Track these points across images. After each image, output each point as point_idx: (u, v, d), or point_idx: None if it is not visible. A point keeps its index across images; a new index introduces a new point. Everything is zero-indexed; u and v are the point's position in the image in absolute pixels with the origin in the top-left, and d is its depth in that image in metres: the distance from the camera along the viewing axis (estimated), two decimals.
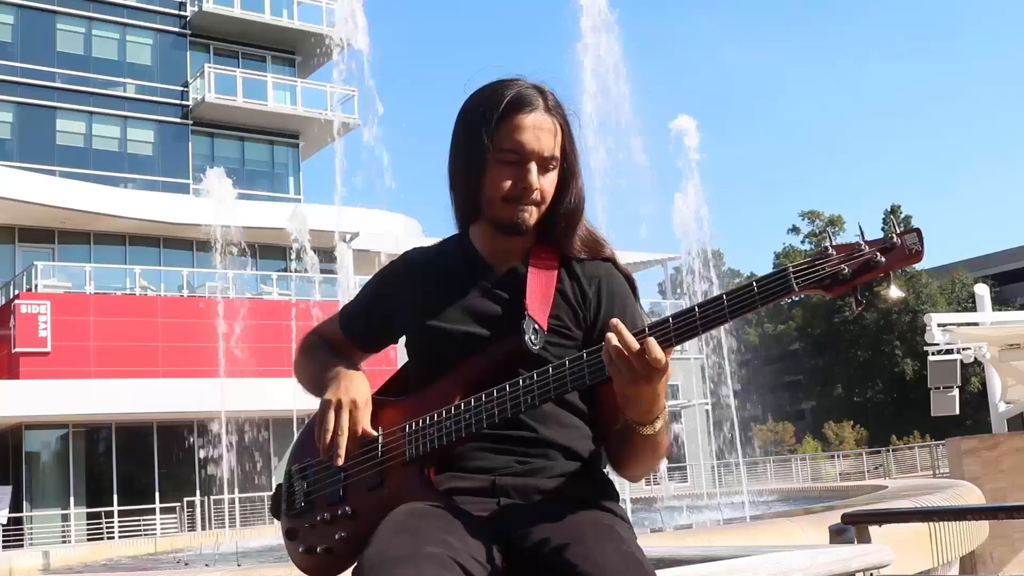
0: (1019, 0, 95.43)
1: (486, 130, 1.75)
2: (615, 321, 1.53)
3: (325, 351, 1.93)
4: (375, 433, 1.77)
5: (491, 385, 1.68)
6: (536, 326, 1.72)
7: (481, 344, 1.75)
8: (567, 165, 1.81)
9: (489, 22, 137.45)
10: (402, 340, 1.92)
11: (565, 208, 1.81)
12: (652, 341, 1.52)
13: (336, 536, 1.78)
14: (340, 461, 1.74)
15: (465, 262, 1.84)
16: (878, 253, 1.48)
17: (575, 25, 12.23)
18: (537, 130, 1.75)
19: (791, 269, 1.51)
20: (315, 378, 1.87)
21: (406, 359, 1.91)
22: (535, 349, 1.70)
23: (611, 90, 12.25)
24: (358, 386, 1.79)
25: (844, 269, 1.49)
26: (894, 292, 1.50)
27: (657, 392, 1.56)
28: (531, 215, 1.77)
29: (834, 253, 1.50)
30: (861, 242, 1.50)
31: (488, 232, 1.82)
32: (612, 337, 1.52)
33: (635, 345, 1.51)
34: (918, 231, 1.48)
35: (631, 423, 1.62)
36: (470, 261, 1.84)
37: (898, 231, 1.49)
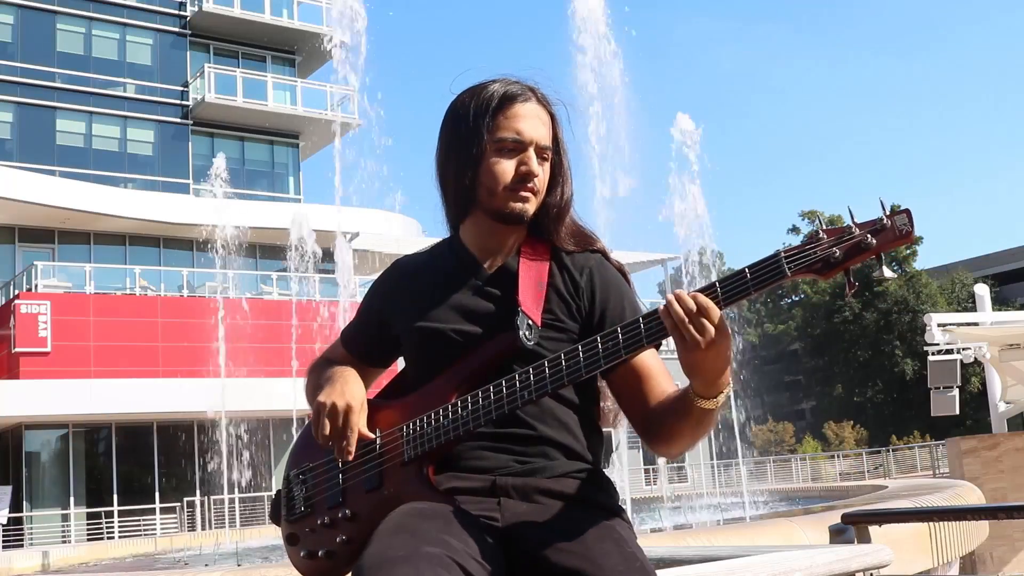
0: (1019, 1, 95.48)
1: (483, 122, 1.75)
2: (677, 292, 1.53)
3: (329, 367, 1.92)
4: (372, 435, 1.76)
5: (487, 383, 1.68)
6: (530, 322, 1.71)
7: (476, 342, 1.74)
8: (558, 157, 1.82)
9: (488, 22, 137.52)
10: None
11: (556, 199, 1.82)
12: (703, 299, 1.51)
13: (337, 539, 1.77)
14: (350, 456, 1.74)
15: (456, 262, 1.84)
16: (869, 235, 1.49)
17: (574, 25, 12.24)
18: (533, 119, 1.77)
19: (782, 253, 1.52)
20: (315, 389, 1.87)
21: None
22: (530, 345, 1.69)
23: (610, 90, 12.25)
24: (352, 388, 1.78)
25: (835, 252, 1.50)
26: (886, 273, 1.51)
27: (725, 361, 1.55)
28: (532, 204, 1.78)
29: (825, 237, 1.51)
30: (851, 225, 1.51)
31: (482, 228, 1.82)
32: (673, 302, 1.52)
33: (692, 305, 1.51)
34: (907, 212, 1.49)
35: (692, 396, 1.59)
36: (461, 260, 1.83)
37: (887, 213, 1.49)
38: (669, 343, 1.66)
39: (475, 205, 1.80)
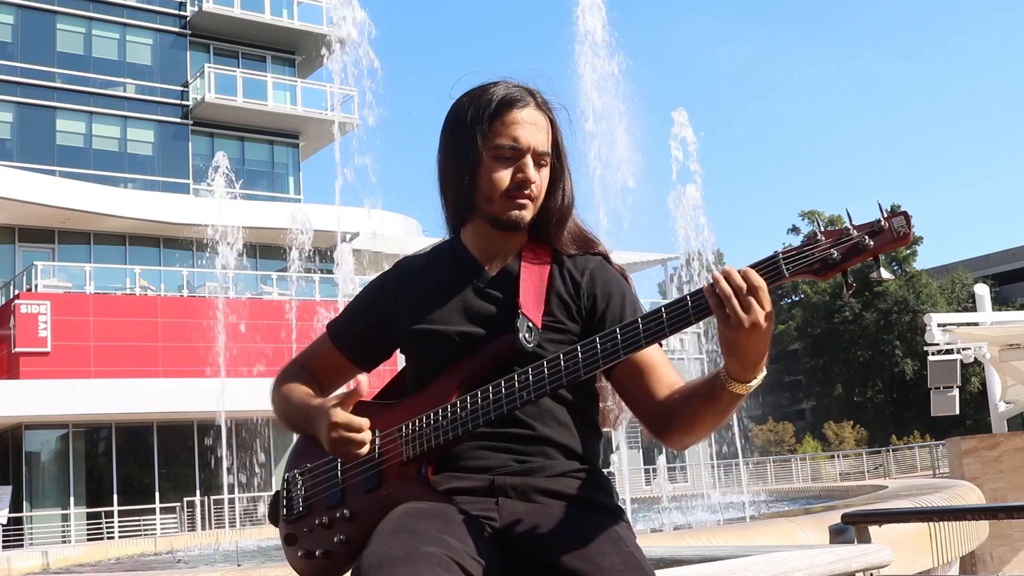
0: (1019, 1, 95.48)
1: (480, 128, 1.75)
2: (727, 268, 1.51)
3: (294, 389, 1.88)
4: (362, 423, 1.72)
5: (487, 384, 1.68)
6: (530, 324, 1.71)
7: (477, 344, 1.75)
8: (557, 161, 1.82)
9: (488, 22, 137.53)
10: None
11: (556, 204, 1.82)
12: (754, 276, 1.49)
13: (335, 539, 1.77)
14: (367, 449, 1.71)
15: (458, 264, 1.84)
16: (866, 237, 1.49)
17: (573, 25, 12.24)
18: (531, 125, 1.76)
19: (781, 255, 1.52)
20: (293, 422, 1.86)
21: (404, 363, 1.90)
22: (530, 347, 1.69)
23: (610, 91, 12.25)
24: (320, 407, 1.75)
25: (833, 253, 1.50)
26: (884, 274, 1.51)
27: (766, 344, 1.53)
28: (528, 210, 1.77)
29: (823, 238, 1.51)
30: (849, 226, 1.51)
31: (481, 232, 1.82)
32: (721, 279, 1.50)
33: (741, 282, 1.48)
34: (905, 214, 1.49)
35: (725, 379, 1.57)
36: (462, 262, 1.83)
37: (885, 215, 1.49)
38: (667, 342, 1.66)
39: (474, 211, 1.80)
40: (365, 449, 1.70)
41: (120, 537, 19.62)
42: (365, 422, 1.70)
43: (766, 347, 1.54)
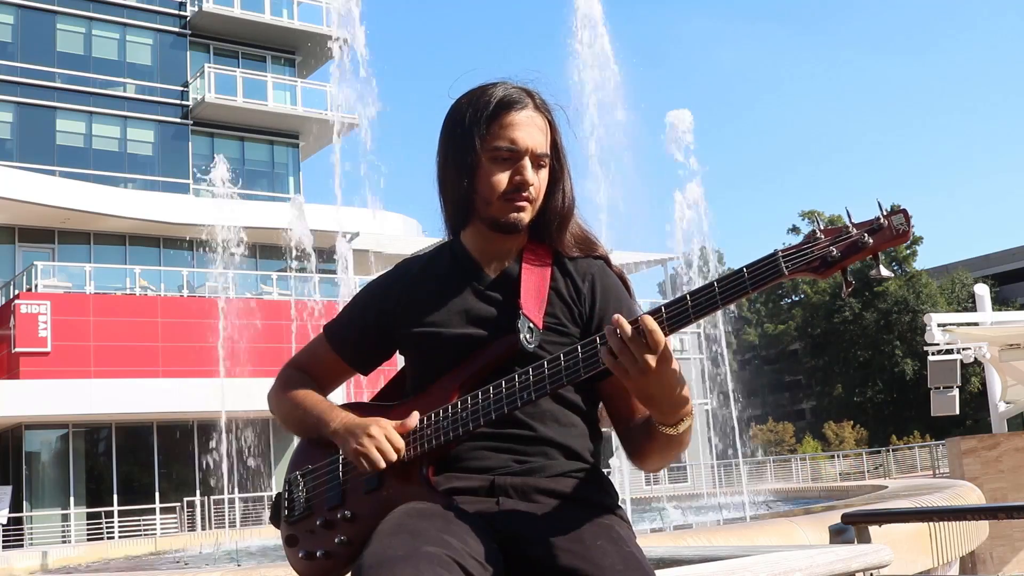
0: (1019, 1, 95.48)
1: (477, 130, 1.74)
2: (616, 316, 1.52)
3: (304, 393, 1.87)
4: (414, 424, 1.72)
5: (487, 385, 1.68)
6: (531, 325, 1.71)
7: (478, 346, 1.74)
8: (557, 163, 1.81)
9: (488, 21, 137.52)
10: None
11: (556, 205, 1.82)
12: (649, 320, 1.50)
13: (336, 540, 1.77)
14: (394, 455, 1.70)
15: (458, 266, 1.83)
16: (866, 234, 1.49)
17: (571, 25, 12.25)
18: (529, 127, 1.76)
19: (780, 253, 1.52)
20: (306, 425, 1.84)
21: (404, 365, 1.90)
22: (531, 348, 1.69)
23: (609, 91, 12.26)
24: (350, 416, 1.76)
25: (833, 251, 1.50)
26: (884, 272, 1.51)
27: (675, 388, 1.55)
28: (527, 212, 1.77)
29: (822, 236, 1.51)
30: (849, 224, 1.51)
31: (481, 234, 1.82)
32: (610, 330, 1.51)
33: (629, 331, 1.50)
34: (905, 212, 1.49)
35: (654, 423, 1.61)
36: (463, 264, 1.83)
37: (884, 213, 1.49)
38: (672, 343, 1.66)
39: (473, 213, 1.80)
40: (391, 458, 1.69)
41: (120, 537, 19.61)
42: (402, 444, 1.70)
43: (674, 392, 1.56)
